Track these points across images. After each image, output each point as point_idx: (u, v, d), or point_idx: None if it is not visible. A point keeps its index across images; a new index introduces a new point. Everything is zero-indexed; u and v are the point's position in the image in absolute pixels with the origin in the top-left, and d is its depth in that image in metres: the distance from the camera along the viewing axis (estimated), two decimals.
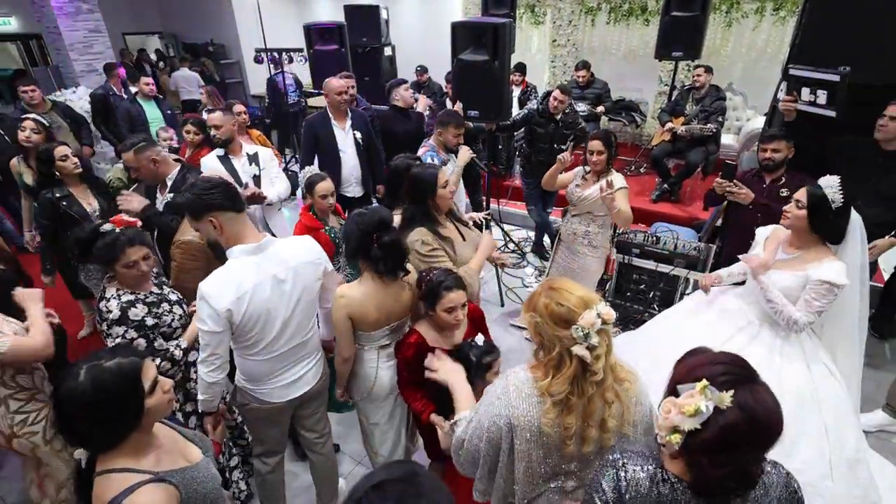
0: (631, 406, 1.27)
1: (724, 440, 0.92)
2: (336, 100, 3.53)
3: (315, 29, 5.21)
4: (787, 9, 5.74)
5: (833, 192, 1.94)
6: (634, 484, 1.03)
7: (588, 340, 1.15)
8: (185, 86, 8.06)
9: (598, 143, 2.90)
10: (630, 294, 3.73)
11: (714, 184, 2.88)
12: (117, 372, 1.08)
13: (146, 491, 1.07)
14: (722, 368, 0.97)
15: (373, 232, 1.78)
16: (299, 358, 1.88)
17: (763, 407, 0.92)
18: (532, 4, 7.57)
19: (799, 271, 2.02)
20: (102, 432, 1.09)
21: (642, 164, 6.10)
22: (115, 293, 1.82)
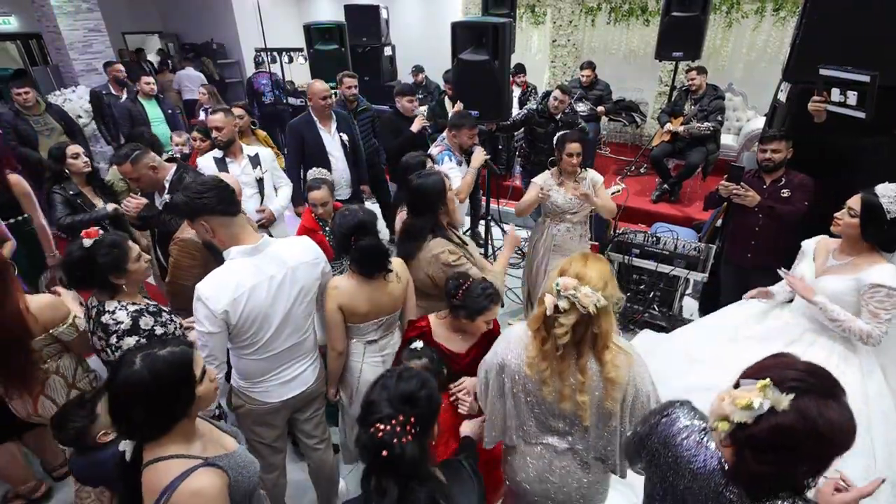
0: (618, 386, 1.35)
1: (773, 440, 0.91)
2: (320, 104, 3.49)
3: (315, 28, 5.20)
4: (788, 9, 5.74)
5: (889, 201, 1.86)
6: (669, 424, 1.13)
7: (559, 297, 1.27)
8: (189, 85, 8.02)
9: (577, 146, 2.88)
10: (630, 294, 3.73)
11: (720, 186, 2.86)
12: (172, 360, 1.13)
13: (202, 474, 1.11)
14: (795, 374, 0.94)
15: (350, 234, 1.86)
16: (296, 357, 1.88)
17: (826, 420, 0.88)
18: (532, 4, 7.56)
19: (848, 275, 1.96)
20: (156, 419, 1.12)
21: (642, 165, 6.10)
22: (118, 305, 1.78)
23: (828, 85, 2.60)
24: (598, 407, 1.40)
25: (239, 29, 9.32)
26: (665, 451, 1.12)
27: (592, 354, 1.35)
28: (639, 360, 1.40)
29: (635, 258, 3.59)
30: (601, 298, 1.26)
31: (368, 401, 1.11)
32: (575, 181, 2.98)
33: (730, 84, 6.26)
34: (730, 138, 6.02)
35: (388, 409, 1.07)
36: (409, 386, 1.12)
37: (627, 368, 1.36)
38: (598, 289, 1.27)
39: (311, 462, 2.19)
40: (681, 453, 1.09)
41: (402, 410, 1.06)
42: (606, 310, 1.30)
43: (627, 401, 1.39)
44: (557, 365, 1.37)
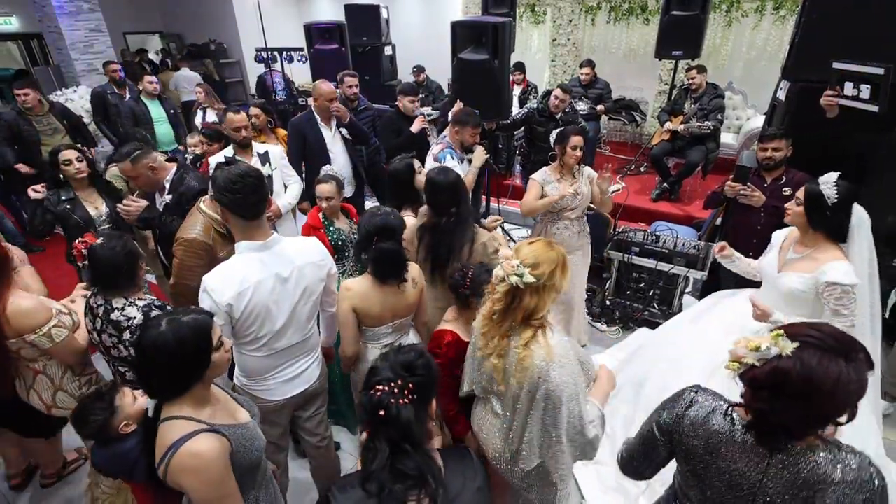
0: (525, 370, 1.43)
1: (770, 381, 1.00)
2: (325, 105, 3.50)
3: (315, 28, 5.22)
4: (788, 8, 5.74)
5: (829, 188, 1.93)
6: (697, 408, 1.17)
7: (507, 277, 1.40)
8: (186, 86, 8.04)
9: (579, 139, 2.90)
10: (630, 292, 3.74)
11: (726, 186, 2.86)
12: (194, 325, 1.22)
13: (203, 438, 1.19)
14: (815, 333, 1.00)
15: (374, 234, 1.85)
16: (299, 355, 1.89)
17: (823, 371, 0.95)
18: (532, 4, 7.57)
19: (807, 273, 2.00)
20: (175, 380, 1.22)
21: (642, 164, 6.10)
22: (126, 301, 1.83)
23: (841, 79, 2.59)
24: (514, 382, 1.48)
25: (240, 29, 9.34)
26: (698, 441, 1.15)
27: (519, 327, 1.45)
28: (561, 364, 1.41)
29: (635, 256, 3.60)
30: (526, 274, 1.37)
31: (371, 368, 1.18)
32: (573, 177, 2.98)
33: (729, 83, 6.26)
34: (730, 137, 6.03)
35: (389, 373, 1.13)
36: (407, 357, 1.18)
37: (542, 361, 1.40)
38: (526, 265, 1.38)
39: (312, 460, 2.20)
40: (715, 438, 1.12)
41: (401, 375, 1.13)
42: (535, 289, 1.39)
43: (537, 399, 1.43)
44: (492, 328, 1.51)
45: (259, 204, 1.66)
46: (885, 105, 2.42)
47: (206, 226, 2.12)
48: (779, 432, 1.03)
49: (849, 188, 1.94)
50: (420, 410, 1.13)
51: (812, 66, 2.96)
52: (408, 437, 1.09)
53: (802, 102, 3.00)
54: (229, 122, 2.96)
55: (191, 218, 2.16)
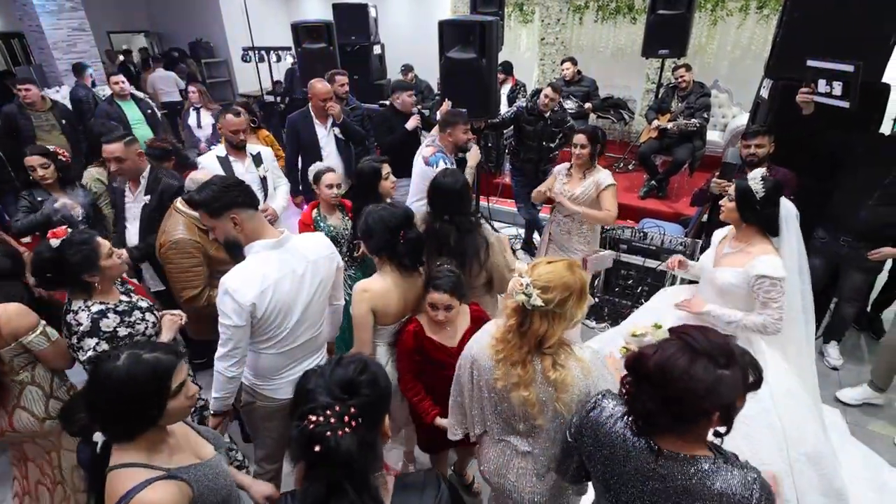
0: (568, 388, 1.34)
1: (632, 364, 1.05)
2: (319, 105, 3.56)
3: (303, 27, 5.18)
4: (771, 7, 5.82)
5: (756, 183, 2.00)
6: (598, 412, 1.18)
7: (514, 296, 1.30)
8: (164, 87, 7.80)
9: (582, 137, 2.92)
10: (618, 289, 3.78)
11: (712, 183, 2.90)
12: (154, 365, 1.11)
13: (158, 487, 1.08)
14: (694, 334, 1.01)
15: (399, 228, 1.86)
16: (308, 353, 1.90)
17: (673, 364, 0.97)
18: (520, 3, 7.59)
19: (739, 267, 2.06)
20: (122, 421, 1.11)
21: (630, 161, 6.16)
22: (83, 304, 1.74)
23: (815, 76, 2.65)
24: (553, 411, 1.38)
25: (226, 27, 9.25)
26: (598, 445, 1.15)
27: (536, 353, 1.35)
28: (599, 372, 1.37)
29: (623, 254, 3.64)
30: (535, 296, 1.25)
31: (301, 390, 1.01)
32: (582, 177, 2.99)
33: (715, 81, 6.33)
34: (716, 134, 6.10)
35: (324, 397, 0.97)
36: (346, 371, 1.02)
37: (582, 375, 1.34)
38: (536, 286, 1.26)
39: None
40: (612, 441, 1.12)
41: (339, 398, 0.96)
42: (545, 314, 1.28)
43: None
44: (509, 352, 1.36)
45: (251, 190, 1.69)
46: (855, 101, 2.48)
47: (187, 224, 2.12)
48: (647, 422, 1.04)
49: (774, 183, 2.02)
50: (368, 436, 0.96)
51: (794, 65, 3.01)
52: (351, 474, 0.93)
53: (785, 100, 3.05)
54: (227, 124, 2.92)
55: (170, 220, 2.14)
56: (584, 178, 2.98)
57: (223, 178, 1.68)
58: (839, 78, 2.53)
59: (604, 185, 2.92)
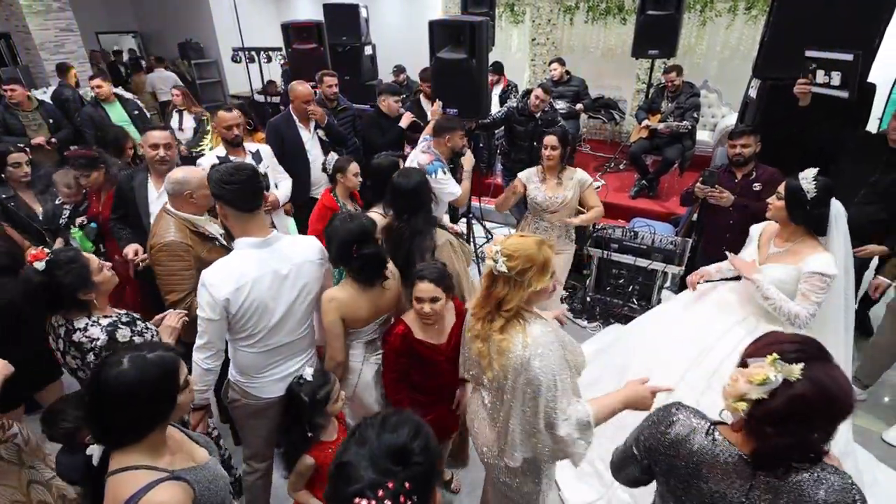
0: (505, 355, 1.44)
1: (792, 410, 0.94)
2: (301, 107, 3.50)
3: (293, 27, 5.17)
4: (759, 7, 5.87)
5: (808, 183, 1.98)
6: (678, 426, 1.13)
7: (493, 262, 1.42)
8: (163, 87, 7.89)
9: (552, 139, 2.92)
10: (609, 289, 3.79)
11: (696, 189, 2.93)
12: (161, 363, 1.12)
13: (164, 488, 1.08)
14: (794, 346, 0.99)
15: (353, 242, 1.82)
16: (293, 353, 1.89)
17: (835, 382, 0.94)
18: (511, 3, 7.61)
19: (790, 264, 2.05)
20: (137, 424, 1.10)
21: (621, 161, 6.19)
22: (89, 321, 1.67)
23: (813, 67, 2.66)
24: (495, 369, 1.49)
25: (216, 28, 9.19)
26: (679, 460, 1.11)
27: (497, 314, 1.47)
28: (541, 354, 1.40)
29: (614, 253, 3.65)
30: (501, 262, 1.39)
31: (341, 462, 0.82)
32: (559, 180, 2.99)
33: (704, 81, 6.38)
34: (705, 134, 6.14)
35: (372, 473, 0.78)
36: (398, 438, 0.83)
37: (521, 349, 1.41)
38: (504, 254, 1.39)
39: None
40: (698, 458, 1.08)
41: (391, 474, 0.78)
42: (507, 280, 1.41)
43: (517, 388, 1.43)
44: (478, 307, 1.53)
45: (254, 196, 1.68)
46: (854, 91, 2.49)
47: (178, 226, 2.09)
48: (789, 458, 0.99)
49: (826, 183, 1.99)
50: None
51: (781, 65, 3.04)
52: None
53: (772, 100, 3.08)
54: (221, 121, 2.91)
55: (161, 222, 2.11)
56: (561, 182, 2.98)
57: (233, 172, 1.64)
58: (838, 68, 2.53)
59: (587, 184, 2.98)
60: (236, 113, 2.94)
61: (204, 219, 2.14)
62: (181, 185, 2.07)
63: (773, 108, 3.05)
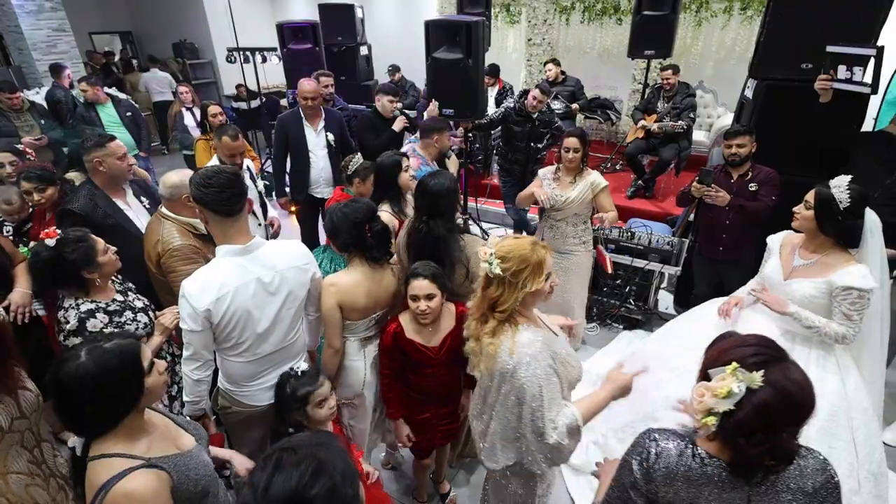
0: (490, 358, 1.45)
1: (759, 419, 0.94)
2: (303, 104, 3.52)
3: (288, 28, 5.15)
4: (755, 8, 5.88)
5: (840, 191, 1.85)
6: (665, 457, 1.07)
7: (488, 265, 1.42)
8: (157, 87, 7.87)
9: (574, 141, 2.88)
10: (606, 289, 3.79)
11: (692, 188, 2.92)
12: (118, 352, 1.13)
13: (137, 475, 1.09)
14: (752, 350, 0.99)
15: (365, 222, 1.87)
16: (283, 360, 1.85)
17: (794, 383, 0.95)
18: (507, 4, 7.60)
19: (819, 278, 1.94)
20: (103, 413, 1.11)
21: (618, 162, 6.19)
22: (73, 302, 1.75)
23: (834, 63, 2.62)
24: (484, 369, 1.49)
25: (211, 28, 9.14)
26: (677, 491, 1.06)
27: (490, 315, 1.46)
28: (527, 362, 1.39)
29: (611, 254, 3.64)
30: (494, 264, 1.39)
31: None
32: (572, 180, 2.96)
33: (700, 81, 6.39)
34: (701, 134, 6.15)
35: None
36: (288, 481, 0.73)
37: (507, 356, 1.41)
38: (498, 255, 1.40)
39: None
40: (695, 481, 1.04)
41: None
42: (501, 281, 1.41)
43: (502, 393, 1.45)
44: (474, 307, 1.53)
45: (233, 200, 1.62)
46: (877, 85, 2.47)
47: (181, 231, 2.09)
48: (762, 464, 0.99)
49: (861, 192, 1.86)
50: None
51: (777, 65, 3.05)
52: None
53: (768, 100, 3.08)
54: (225, 148, 2.79)
55: (162, 228, 2.08)
56: (574, 182, 2.95)
57: (212, 176, 1.59)
58: (860, 62, 2.49)
59: (600, 187, 2.92)
60: (241, 142, 2.85)
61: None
62: (178, 188, 2.06)
63: (770, 108, 3.06)
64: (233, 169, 1.66)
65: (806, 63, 2.89)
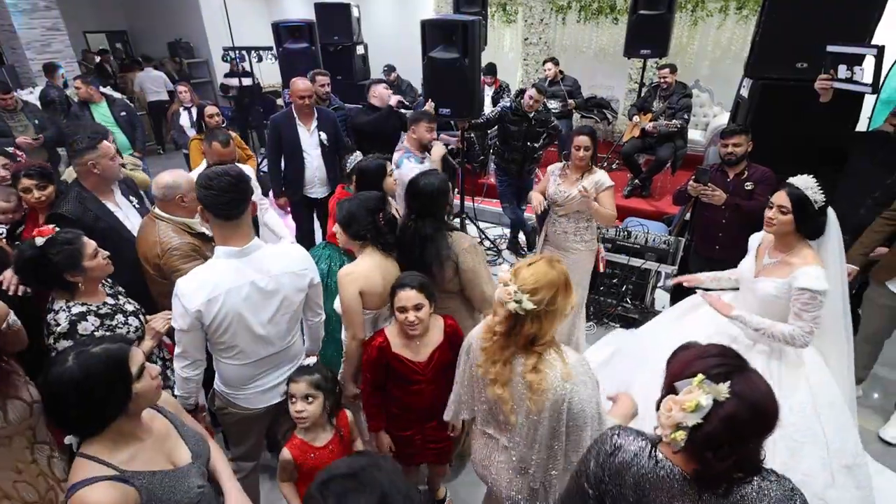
0: (540, 393, 1.35)
1: (727, 431, 0.93)
2: (297, 102, 3.49)
3: (284, 27, 5.13)
4: (750, 8, 5.91)
5: (814, 192, 1.91)
6: (622, 453, 1.08)
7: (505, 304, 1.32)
8: (152, 87, 7.82)
9: (585, 139, 2.83)
10: (603, 288, 3.79)
11: (689, 187, 2.92)
12: (105, 356, 1.12)
13: (99, 487, 1.08)
14: (715, 361, 0.99)
15: (377, 210, 1.94)
16: (279, 364, 1.84)
17: (759, 393, 0.94)
18: (504, 3, 7.61)
19: (780, 278, 1.99)
20: (90, 416, 1.11)
21: (614, 161, 6.20)
22: (64, 304, 1.72)
23: (834, 62, 2.63)
24: (526, 410, 1.39)
25: (206, 27, 9.11)
26: (625, 489, 1.07)
27: (522, 353, 1.36)
28: (583, 382, 1.35)
29: (608, 253, 3.65)
30: (524, 300, 1.27)
31: None
32: (579, 177, 2.93)
33: (696, 81, 6.41)
34: (697, 134, 6.17)
35: None
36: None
37: (560, 380, 1.33)
38: (524, 291, 1.29)
39: None
40: (643, 483, 1.05)
41: None
42: (536, 315, 1.30)
43: (562, 420, 1.36)
44: (493, 349, 1.42)
45: (234, 204, 1.59)
46: (878, 85, 2.48)
47: (176, 229, 2.07)
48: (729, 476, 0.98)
49: (825, 188, 1.92)
50: None
51: (772, 64, 3.06)
52: None
53: (764, 99, 3.09)
54: (215, 153, 2.75)
55: (157, 228, 2.05)
56: (580, 179, 2.91)
57: (215, 178, 1.56)
58: (861, 62, 2.49)
59: (604, 186, 2.88)
60: (232, 148, 2.79)
61: (197, 220, 2.10)
62: (172, 189, 2.05)
63: (765, 107, 3.07)
64: (238, 172, 1.62)
65: (801, 62, 2.90)
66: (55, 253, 1.66)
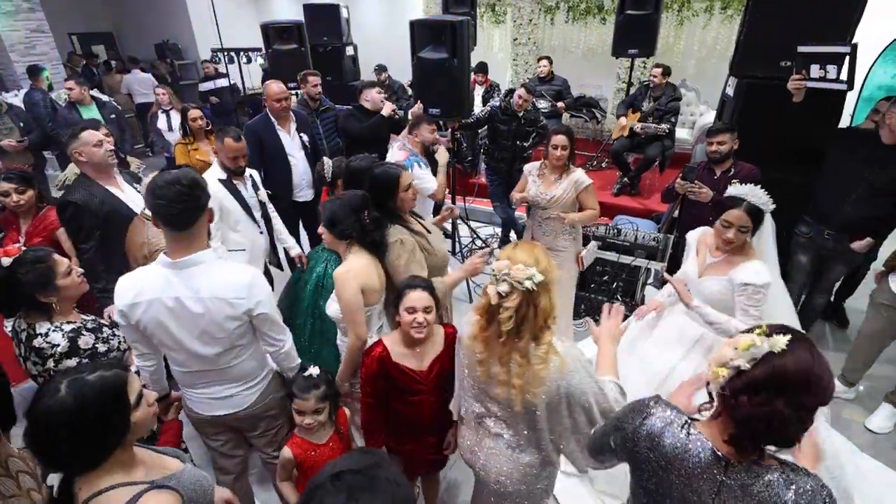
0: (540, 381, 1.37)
1: (770, 381, 0.92)
2: (275, 106, 3.39)
3: (273, 28, 5.11)
4: (735, 7, 5.99)
5: (763, 203, 1.99)
6: (652, 421, 1.11)
7: (498, 283, 1.32)
8: (140, 88, 7.76)
9: (562, 138, 2.84)
10: (594, 286, 3.83)
11: (676, 185, 2.96)
12: (101, 386, 1.03)
13: (151, 497, 1.02)
14: (783, 328, 0.99)
15: (361, 208, 1.96)
16: (223, 380, 1.73)
17: (818, 364, 0.93)
18: (492, 4, 7.64)
19: (723, 276, 2.04)
20: (87, 451, 1.02)
21: (603, 160, 6.25)
22: (51, 326, 1.63)
23: (805, 62, 2.66)
24: (523, 401, 1.41)
25: (195, 29, 9.04)
26: (653, 454, 1.09)
27: (531, 337, 1.37)
28: (576, 369, 1.38)
29: (598, 250, 3.68)
30: (536, 273, 1.30)
31: None
32: (558, 177, 2.94)
33: (683, 80, 6.48)
34: (684, 132, 6.25)
35: None
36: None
37: (557, 372, 1.36)
38: (529, 265, 1.31)
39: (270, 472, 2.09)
40: (670, 452, 1.06)
41: None
42: (545, 286, 1.33)
43: (562, 404, 1.39)
44: (499, 350, 1.40)
45: (184, 215, 1.46)
46: (852, 83, 2.52)
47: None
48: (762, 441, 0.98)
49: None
50: None
51: (757, 64, 3.11)
52: None
53: (749, 98, 3.14)
54: (228, 149, 2.69)
55: (142, 229, 2.06)
56: (559, 179, 2.94)
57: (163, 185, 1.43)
58: (833, 61, 2.53)
59: (583, 185, 2.90)
60: (243, 143, 2.76)
61: None
62: None
63: (750, 106, 3.12)
64: (192, 179, 1.47)
65: (785, 61, 2.95)
66: (24, 272, 1.57)
